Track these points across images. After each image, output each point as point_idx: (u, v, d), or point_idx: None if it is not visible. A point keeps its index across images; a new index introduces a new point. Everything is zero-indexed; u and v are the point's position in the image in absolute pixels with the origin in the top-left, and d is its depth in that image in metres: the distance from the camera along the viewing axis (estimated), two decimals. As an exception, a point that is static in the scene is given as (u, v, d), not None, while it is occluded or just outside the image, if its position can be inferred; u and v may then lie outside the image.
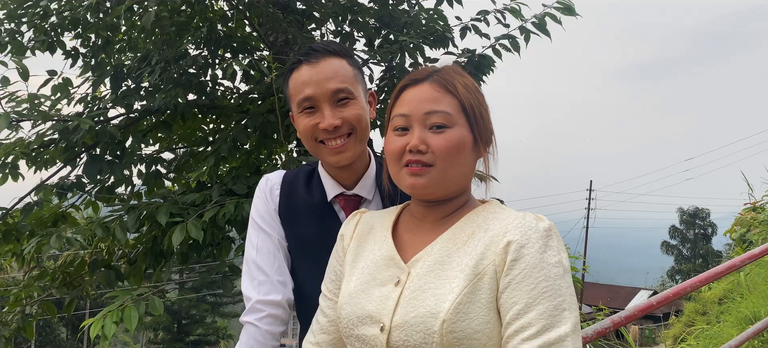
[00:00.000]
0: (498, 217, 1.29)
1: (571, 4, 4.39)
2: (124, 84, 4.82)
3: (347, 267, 1.41)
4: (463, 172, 1.32)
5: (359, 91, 1.61)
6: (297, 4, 4.71)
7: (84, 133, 4.15)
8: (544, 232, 1.22)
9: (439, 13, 4.98)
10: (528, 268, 1.18)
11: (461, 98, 1.31)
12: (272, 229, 1.67)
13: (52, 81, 4.87)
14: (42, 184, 4.72)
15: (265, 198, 1.71)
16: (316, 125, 1.57)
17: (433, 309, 1.20)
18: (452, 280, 1.22)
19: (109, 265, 4.74)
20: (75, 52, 5.14)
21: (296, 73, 1.60)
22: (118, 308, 3.10)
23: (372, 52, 4.71)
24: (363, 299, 1.30)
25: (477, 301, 1.20)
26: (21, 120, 4.02)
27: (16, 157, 4.40)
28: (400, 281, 1.28)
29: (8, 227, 4.54)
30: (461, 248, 1.27)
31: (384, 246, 1.36)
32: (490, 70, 4.88)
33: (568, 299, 1.18)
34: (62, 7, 4.89)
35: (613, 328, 2.87)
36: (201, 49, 5.00)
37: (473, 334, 1.18)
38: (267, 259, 1.65)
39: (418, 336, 1.20)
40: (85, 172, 4.39)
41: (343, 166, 1.61)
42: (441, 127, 1.29)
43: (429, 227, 1.35)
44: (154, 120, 4.79)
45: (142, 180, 4.91)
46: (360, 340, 1.28)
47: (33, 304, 4.89)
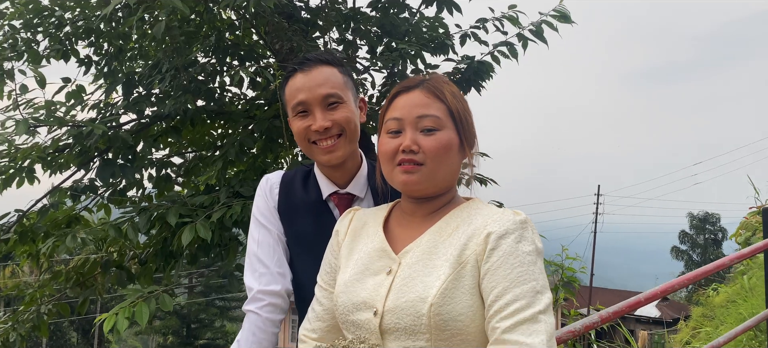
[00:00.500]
0: (480, 212, 1.41)
1: (566, 12, 4.52)
2: (136, 91, 4.97)
3: (342, 259, 1.52)
4: (450, 170, 1.44)
5: (349, 97, 1.74)
6: (302, 14, 4.83)
7: (97, 138, 4.31)
8: (520, 224, 1.33)
9: (440, 21, 5.09)
10: (504, 256, 1.30)
11: (449, 104, 1.43)
12: (272, 225, 1.80)
13: (67, 88, 5.06)
14: (57, 187, 4.88)
15: (266, 196, 1.83)
16: (308, 127, 1.70)
17: (422, 294, 1.31)
18: (439, 268, 1.34)
19: (120, 265, 4.90)
20: (88, 60, 5.31)
21: (291, 80, 1.74)
22: (129, 305, 3.24)
23: (374, 60, 4.84)
24: (358, 287, 1.41)
25: (461, 286, 1.31)
26: (38, 125, 4.18)
27: (33, 161, 4.57)
28: (392, 271, 1.39)
29: (24, 229, 4.71)
30: (447, 240, 1.38)
31: (376, 239, 1.47)
32: (489, 75, 5.00)
33: (541, 282, 1.29)
34: (76, 17, 5.06)
35: (601, 323, 2.97)
36: (209, 57, 5.13)
37: (458, 317, 1.29)
38: (267, 252, 1.78)
39: (408, 319, 1.31)
40: (98, 175, 4.54)
41: (335, 166, 1.74)
42: (431, 130, 1.40)
43: (418, 222, 1.46)
44: (165, 125, 4.93)
45: (152, 183, 5.05)
46: (355, 324, 1.38)
47: (47, 304, 5.05)
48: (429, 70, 5.02)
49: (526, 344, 1.22)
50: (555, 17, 4.55)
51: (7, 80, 4.96)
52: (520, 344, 1.22)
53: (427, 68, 5.00)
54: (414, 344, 1.30)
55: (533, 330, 1.23)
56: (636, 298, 3.08)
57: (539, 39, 4.63)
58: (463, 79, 4.93)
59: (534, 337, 1.23)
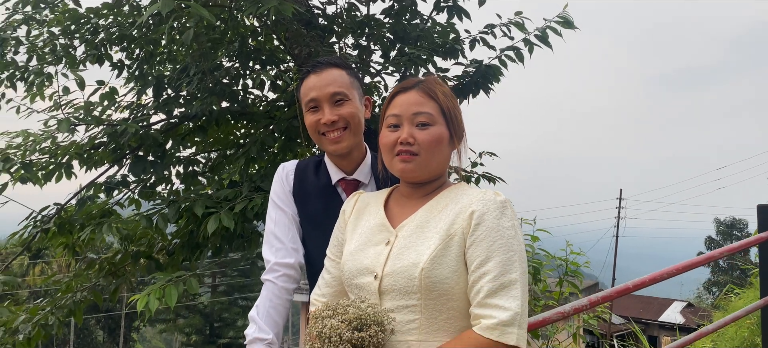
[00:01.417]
0: (466, 193, 1.61)
1: (569, 18, 4.73)
2: (165, 93, 5.25)
3: (348, 234, 1.75)
4: (441, 159, 1.64)
5: (355, 95, 1.99)
6: (319, 21, 5.08)
7: (130, 137, 4.63)
8: (501, 204, 1.54)
9: (452, 27, 5.30)
10: (487, 230, 1.50)
11: (441, 103, 1.64)
12: (287, 207, 2.06)
13: (101, 90, 5.40)
14: (92, 182, 5.22)
15: (282, 182, 2.09)
16: (318, 120, 1.95)
17: (415, 261, 1.52)
18: (430, 239, 1.54)
19: (149, 256, 5.23)
20: (121, 64, 5.62)
21: (305, 81, 2.01)
22: (160, 287, 3.55)
23: (387, 64, 5.08)
24: (361, 256, 1.63)
25: (448, 255, 1.51)
26: (78, 124, 4.51)
27: (71, 158, 4.92)
28: (390, 241, 1.60)
29: (62, 220, 5.05)
30: (437, 216, 1.58)
31: (378, 216, 1.69)
32: (497, 78, 5.22)
33: (517, 254, 1.49)
34: (109, 24, 5.39)
35: (590, 307, 3.18)
36: (233, 62, 5.39)
37: (444, 280, 1.49)
38: (283, 230, 2.04)
39: (402, 281, 1.52)
40: (130, 171, 4.85)
41: (341, 155, 1.99)
42: (425, 124, 1.61)
43: (413, 202, 1.67)
44: (192, 125, 5.21)
45: (179, 179, 5.36)
46: (358, 287, 1.60)
47: (82, 291, 5.40)
48: (439, 73, 5.26)
49: (504, 307, 1.42)
50: (559, 23, 4.76)
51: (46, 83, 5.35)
52: (499, 307, 1.43)
53: (437, 72, 5.23)
54: (406, 303, 1.52)
55: (511, 294, 1.44)
56: (624, 285, 3.27)
57: (545, 44, 4.83)
58: (471, 82, 5.16)
59: (511, 301, 1.43)
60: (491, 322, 1.42)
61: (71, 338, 35.59)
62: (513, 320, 1.42)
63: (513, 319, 1.42)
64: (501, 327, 1.41)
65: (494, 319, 1.42)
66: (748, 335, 5.38)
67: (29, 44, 5.27)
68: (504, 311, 1.42)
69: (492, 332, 1.42)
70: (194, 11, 3.26)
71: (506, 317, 1.42)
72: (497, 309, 1.43)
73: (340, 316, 1.49)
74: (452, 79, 5.29)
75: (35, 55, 5.25)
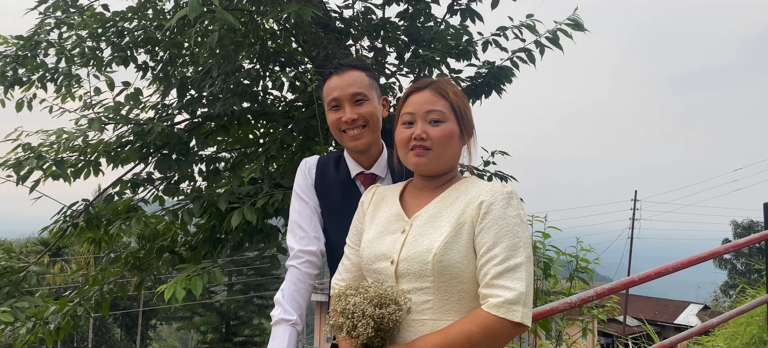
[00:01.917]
0: (475, 185, 1.74)
1: (579, 21, 4.85)
2: (188, 93, 5.45)
3: (366, 224, 1.88)
4: (452, 154, 1.77)
5: (373, 95, 2.13)
6: (336, 24, 5.25)
7: (156, 135, 4.83)
8: (507, 195, 1.66)
9: (464, 29, 5.43)
10: (494, 219, 1.62)
11: (452, 101, 1.76)
12: (309, 199, 2.20)
13: (126, 91, 5.62)
14: (119, 179, 5.44)
15: (305, 175, 2.24)
16: (339, 118, 2.09)
17: (428, 247, 1.64)
18: (442, 228, 1.67)
19: (173, 251, 5.43)
20: (145, 66, 5.82)
21: (328, 81, 2.15)
22: (186, 277, 3.74)
23: (401, 65, 5.24)
24: (379, 243, 1.75)
25: (458, 241, 1.63)
26: (108, 123, 4.72)
27: (99, 155, 5.14)
28: (405, 230, 1.73)
29: (90, 216, 5.27)
30: (449, 207, 1.71)
31: (394, 207, 1.82)
32: (508, 79, 5.37)
33: (522, 240, 1.61)
34: (135, 27, 5.62)
35: (597, 298, 3.31)
36: (254, 63, 5.57)
37: (455, 264, 1.62)
38: (305, 220, 2.18)
39: (416, 266, 1.64)
40: (156, 168, 5.06)
41: (360, 151, 2.14)
42: (437, 121, 1.73)
43: (426, 194, 1.80)
44: (214, 124, 5.40)
45: (202, 177, 5.56)
46: (376, 271, 1.73)
47: (108, 284, 5.62)
48: (452, 74, 5.41)
49: (510, 287, 1.55)
50: (569, 26, 4.89)
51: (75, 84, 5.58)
52: (506, 287, 1.55)
53: (451, 73, 5.38)
54: (421, 285, 1.65)
55: (516, 277, 1.57)
56: (629, 278, 3.39)
57: (555, 46, 4.95)
58: (484, 83, 5.31)
59: (516, 282, 1.56)
60: (498, 301, 1.55)
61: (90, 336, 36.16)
62: (518, 299, 1.55)
63: (518, 298, 1.55)
64: (507, 305, 1.54)
65: (501, 298, 1.55)
66: (756, 332, 5.46)
67: (58, 47, 5.49)
68: (510, 291, 1.55)
69: (499, 310, 1.54)
70: (219, 16, 3.44)
71: (512, 296, 1.54)
72: (503, 289, 1.56)
73: (363, 294, 1.61)
74: (465, 80, 5.43)
75: (64, 57, 5.48)
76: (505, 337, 1.58)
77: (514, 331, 1.57)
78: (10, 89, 5.44)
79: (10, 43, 5.59)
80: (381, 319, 1.58)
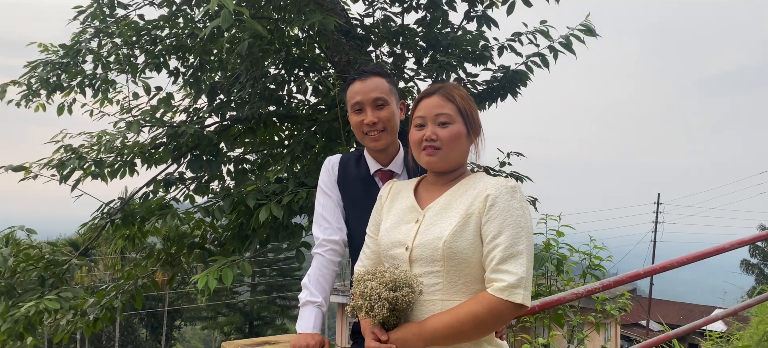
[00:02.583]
0: (482, 180, 1.90)
1: (591, 26, 5.04)
2: (218, 98, 5.74)
3: (384, 215, 2.04)
4: (460, 152, 1.94)
5: (392, 100, 2.34)
6: (357, 31, 5.49)
7: (188, 137, 5.12)
8: (511, 189, 1.82)
9: (481, 34, 5.59)
10: (499, 210, 1.78)
11: (458, 105, 1.93)
12: (333, 193, 2.42)
13: (158, 95, 5.94)
14: (153, 178, 5.75)
15: (329, 172, 2.46)
16: (362, 121, 2.29)
17: (439, 235, 1.80)
18: (451, 218, 1.83)
19: (202, 247, 5.73)
20: (177, 72, 6.13)
21: (352, 86, 2.36)
22: (217, 269, 4.01)
23: (420, 70, 5.47)
24: (395, 232, 1.93)
25: (466, 230, 1.79)
26: (144, 126, 5.03)
27: (134, 156, 5.46)
28: (418, 220, 1.90)
29: (126, 214, 5.59)
30: (458, 200, 1.87)
31: (408, 200, 1.99)
32: (524, 83, 5.55)
33: (524, 230, 1.77)
34: (167, 35, 5.94)
35: (602, 289, 3.48)
36: (279, 69, 5.84)
37: (463, 251, 1.78)
38: (329, 213, 2.40)
39: (428, 251, 1.81)
40: (188, 168, 5.36)
41: (379, 150, 2.35)
42: (445, 123, 1.90)
43: (438, 188, 1.96)
44: (242, 127, 5.68)
45: (231, 177, 5.85)
46: (392, 257, 1.90)
47: (142, 278, 5.94)
48: (469, 78, 5.61)
49: (512, 272, 1.72)
50: (582, 31, 5.07)
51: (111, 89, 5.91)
52: (509, 272, 1.72)
53: (467, 77, 5.59)
54: (432, 269, 1.81)
55: (518, 262, 1.73)
56: (635, 271, 3.55)
57: (569, 50, 5.13)
58: (499, 87, 5.51)
59: (518, 267, 1.73)
60: (502, 285, 1.72)
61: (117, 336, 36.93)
62: (519, 283, 1.72)
63: (519, 282, 1.72)
64: (509, 288, 1.71)
65: (504, 282, 1.72)
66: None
67: (95, 54, 5.82)
68: (512, 275, 1.72)
69: (502, 293, 1.71)
70: (249, 25, 3.71)
71: (514, 280, 1.71)
72: (507, 274, 1.72)
73: (379, 279, 1.77)
74: (481, 84, 5.63)
75: (100, 63, 5.81)
76: (507, 317, 1.75)
77: (515, 312, 1.74)
78: (52, 94, 5.78)
79: (51, 50, 5.94)
80: (395, 301, 1.74)
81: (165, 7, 5.86)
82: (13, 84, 5.52)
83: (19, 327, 4.58)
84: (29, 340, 5.23)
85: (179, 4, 5.73)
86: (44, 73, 5.47)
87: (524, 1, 5.42)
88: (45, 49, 5.96)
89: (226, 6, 3.38)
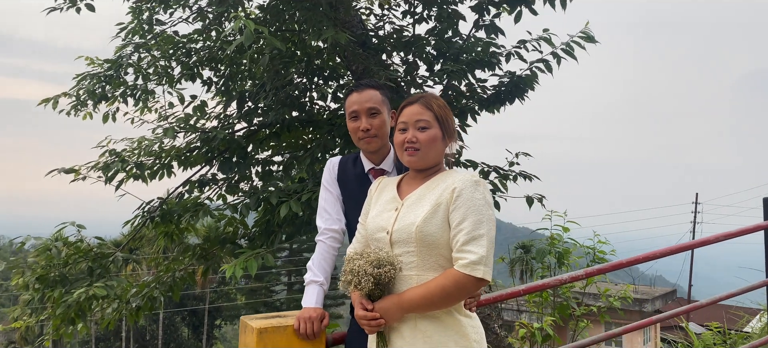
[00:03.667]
0: (452, 175, 2.16)
1: (591, 33, 5.35)
2: (246, 105, 6.24)
3: (371, 206, 2.34)
4: (436, 153, 2.22)
5: (384, 110, 2.69)
6: (372, 41, 5.92)
7: (219, 142, 5.63)
8: (474, 183, 2.09)
9: (492, 42, 5.89)
10: (463, 200, 2.05)
11: (436, 113, 2.21)
12: (333, 189, 2.81)
13: (193, 103, 6.46)
14: (188, 180, 6.29)
15: (330, 171, 2.85)
16: (357, 127, 2.60)
17: (413, 221, 2.09)
18: (424, 207, 2.11)
19: (234, 241, 6.24)
20: (210, 81, 6.67)
21: (350, 97, 2.72)
22: (244, 260, 4.49)
23: (431, 76, 5.85)
24: (378, 219, 2.22)
25: (436, 217, 2.07)
26: (179, 132, 5.56)
27: (171, 159, 6.00)
28: (398, 208, 2.19)
29: (164, 212, 6.13)
30: (431, 191, 2.15)
31: (391, 192, 2.30)
32: (531, 87, 5.88)
33: (486, 217, 2.04)
34: (200, 48, 6.47)
35: (585, 277, 3.78)
36: (301, 78, 6.31)
37: (432, 234, 2.06)
38: (330, 205, 2.79)
39: (404, 234, 2.09)
40: (219, 170, 5.87)
41: (372, 152, 2.72)
42: (424, 128, 2.18)
43: (417, 182, 2.26)
44: (268, 131, 6.17)
45: (258, 177, 6.34)
46: (377, 240, 2.19)
47: (179, 271, 6.49)
48: (478, 83, 5.96)
49: (474, 252, 2.00)
50: (582, 38, 5.39)
51: (151, 98, 6.48)
52: (471, 252, 2.00)
53: (477, 83, 5.94)
54: (408, 249, 2.10)
55: (479, 244, 2.01)
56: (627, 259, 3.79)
57: (570, 56, 5.46)
58: (506, 91, 5.85)
59: (479, 248, 2.01)
60: (464, 262, 2.00)
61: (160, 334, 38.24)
62: (480, 260, 2.00)
63: (480, 260, 2.00)
64: (471, 265, 1.99)
65: (467, 260, 2.00)
66: None
67: (136, 66, 6.38)
68: (474, 254, 2.00)
69: (465, 268, 1.99)
70: (269, 42, 4.17)
71: (475, 258, 2.00)
72: (469, 253, 2.00)
73: (365, 258, 2.08)
74: (490, 89, 5.98)
75: (141, 75, 6.37)
76: (470, 289, 2.04)
77: (477, 284, 2.02)
78: (98, 104, 6.37)
79: (96, 63, 6.53)
80: (379, 277, 2.05)
81: (198, 21, 6.38)
82: (64, 96, 6.10)
83: (71, 312, 5.15)
84: (80, 326, 5.82)
85: (212, 19, 6.25)
86: (91, 85, 6.04)
87: (531, 10, 5.75)
88: (91, 62, 6.54)
89: (248, 26, 3.85)
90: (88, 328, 6.20)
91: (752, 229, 4.40)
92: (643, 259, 3.87)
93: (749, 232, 4.36)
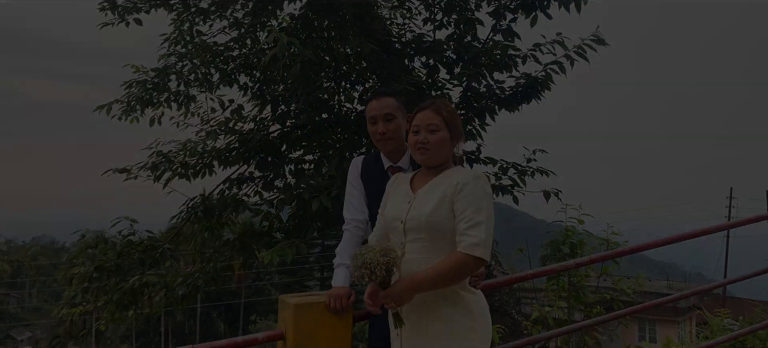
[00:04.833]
0: (457, 172, 2.45)
1: (601, 36, 5.68)
2: (280, 108, 6.70)
3: (389, 199, 2.71)
4: (445, 152, 2.49)
5: (399, 115, 3.07)
6: (395, 47, 6.34)
7: (255, 143, 6.11)
8: (476, 177, 2.37)
9: (510, 44, 6.22)
10: (466, 193, 2.33)
11: (445, 117, 2.48)
12: (358, 184, 3.18)
13: (231, 107, 6.96)
14: (227, 178, 6.80)
15: (355, 168, 3.23)
16: (375, 130, 2.93)
17: (423, 211, 2.37)
18: (433, 200, 2.39)
19: (270, 234, 6.71)
20: (246, 86, 7.13)
21: (369, 103, 3.10)
22: (279, 249, 4.96)
23: (452, 79, 6.23)
24: (394, 210, 2.51)
25: (442, 208, 2.35)
26: (220, 134, 6.07)
27: (212, 159, 6.51)
28: (410, 201, 2.47)
29: (206, 207, 6.64)
30: (439, 186, 2.43)
31: (406, 187, 2.58)
32: (547, 87, 6.21)
33: (485, 207, 2.31)
34: (237, 55, 6.96)
35: (575, 267, 4.11)
36: (330, 82, 6.75)
37: (440, 223, 2.34)
38: (355, 199, 3.17)
39: (416, 224, 2.37)
40: (256, 168, 6.35)
41: (389, 152, 3.11)
42: (434, 131, 2.46)
43: (427, 178, 2.52)
44: (300, 133, 6.62)
45: (291, 175, 6.80)
46: (393, 229, 2.48)
47: (221, 261, 7.00)
48: (497, 84, 6.32)
49: (474, 235, 2.27)
50: (593, 41, 5.72)
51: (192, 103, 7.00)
52: (471, 235, 2.28)
53: (495, 84, 6.30)
54: (419, 236, 2.40)
55: (479, 228, 2.29)
56: (629, 247, 4.07)
57: (583, 59, 5.80)
58: (523, 92, 6.20)
59: (479, 232, 2.28)
60: (465, 244, 2.28)
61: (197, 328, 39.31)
62: (480, 243, 2.28)
63: (480, 242, 2.28)
64: (471, 246, 2.27)
65: (467, 242, 2.28)
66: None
67: (178, 73, 6.88)
68: (474, 237, 2.28)
69: (466, 249, 2.28)
70: (299, 53, 4.62)
71: (475, 240, 2.28)
72: (470, 237, 2.29)
73: (372, 251, 2.35)
74: (507, 90, 6.33)
75: (182, 81, 6.88)
76: (471, 268, 2.32)
77: (477, 264, 2.29)
78: (145, 109, 6.90)
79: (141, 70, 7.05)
80: (387, 264, 2.31)
81: (235, 30, 6.86)
82: (116, 103, 6.66)
83: (126, 298, 5.70)
84: (130, 313, 6.40)
85: (247, 28, 6.73)
86: (139, 92, 6.58)
87: (546, 14, 6.09)
88: (137, 69, 7.06)
89: (281, 39, 4.31)
90: (138, 315, 6.75)
91: (754, 218, 4.57)
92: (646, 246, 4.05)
93: (751, 222, 4.48)
